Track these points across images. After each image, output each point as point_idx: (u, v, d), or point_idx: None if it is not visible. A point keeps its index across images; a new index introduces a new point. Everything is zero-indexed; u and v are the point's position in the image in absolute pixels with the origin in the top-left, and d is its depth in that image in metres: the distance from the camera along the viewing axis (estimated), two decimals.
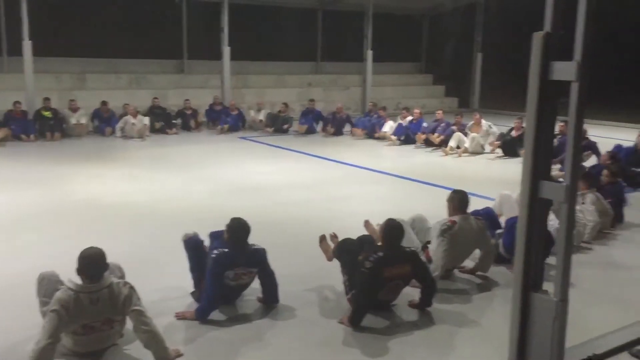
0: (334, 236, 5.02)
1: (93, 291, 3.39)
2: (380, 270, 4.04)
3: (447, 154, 11.64)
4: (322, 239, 4.97)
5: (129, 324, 3.55)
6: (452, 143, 11.81)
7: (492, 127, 12.22)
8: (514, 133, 11.56)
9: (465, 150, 11.68)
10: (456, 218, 4.92)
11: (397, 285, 4.24)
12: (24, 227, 6.35)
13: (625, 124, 16.52)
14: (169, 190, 8.30)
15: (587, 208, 6.08)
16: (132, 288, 3.50)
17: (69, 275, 3.62)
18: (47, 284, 3.69)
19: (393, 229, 4.26)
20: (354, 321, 4.07)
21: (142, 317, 3.46)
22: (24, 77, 13.40)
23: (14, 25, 13.91)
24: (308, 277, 4.93)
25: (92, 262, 3.43)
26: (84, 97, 14.54)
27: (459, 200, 5.01)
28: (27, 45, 13.35)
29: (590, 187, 6.28)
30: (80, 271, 3.42)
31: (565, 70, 3.12)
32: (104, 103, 13.58)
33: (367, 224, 5.35)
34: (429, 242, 5.10)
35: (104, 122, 13.35)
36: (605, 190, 6.53)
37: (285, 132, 14.23)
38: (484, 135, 11.97)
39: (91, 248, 3.52)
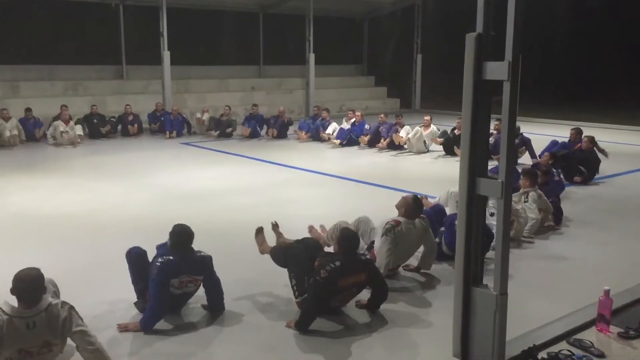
0: (275, 225, 5.02)
1: (30, 316, 3.22)
2: (335, 280, 4.02)
3: (398, 141, 11.99)
4: (259, 231, 4.98)
5: (70, 342, 3.42)
6: (402, 133, 12.08)
7: (439, 130, 12.45)
8: (456, 132, 11.83)
9: (409, 140, 11.98)
10: (400, 219, 4.98)
11: (350, 293, 4.26)
12: None
13: (558, 121, 17.17)
14: (108, 199, 8.07)
15: (529, 206, 6.29)
16: (71, 308, 3.34)
17: (1, 291, 3.47)
18: None
19: (350, 238, 4.25)
20: (302, 326, 4.06)
21: (87, 337, 3.32)
22: None
23: None
24: (254, 282, 4.89)
25: (29, 286, 3.23)
26: (17, 105, 13.99)
27: (412, 209, 5.04)
28: None
29: (532, 185, 6.49)
30: (15, 293, 3.23)
31: (497, 70, 3.21)
32: (28, 110, 13.26)
33: (311, 228, 5.35)
34: (374, 242, 5.15)
35: (31, 128, 13.05)
36: (545, 191, 6.74)
37: (229, 136, 14.10)
38: (428, 136, 12.18)
39: (28, 270, 3.31)
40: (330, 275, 3.99)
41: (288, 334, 4.04)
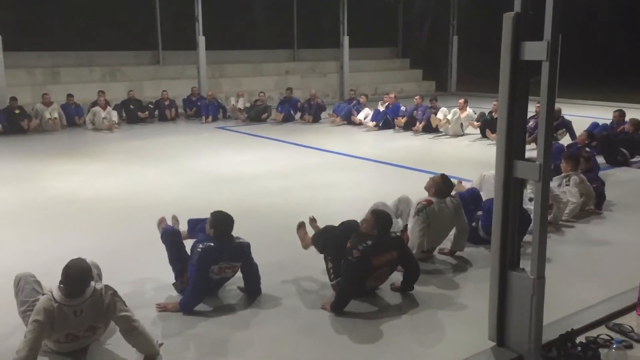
0: (312, 220, 5.02)
1: (77, 304, 3.31)
2: (368, 259, 4.03)
3: (435, 124, 11.84)
4: (300, 226, 4.96)
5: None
6: (439, 115, 11.91)
7: (476, 114, 12.25)
8: (494, 115, 11.62)
9: (448, 122, 11.77)
10: (432, 198, 4.95)
11: (384, 272, 4.25)
12: None
13: (600, 103, 16.72)
14: (145, 183, 8.22)
15: (570, 190, 6.17)
16: (114, 294, 3.43)
17: (46, 273, 3.59)
18: (24, 285, 3.64)
19: (383, 219, 4.25)
20: (337, 308, 4.08)
21: (130, 322, 3.42)
22: None
23: None
24: (289, 265, 4.94)
25: (77, 279, 3.32)
26: (58, 91, 14.29)
27: (441, 188, 5.01)
28: None
29: (574, 169, 6.36)
30: (63, 284, 3.32)
31: (536, 50, 3.14)
32: (69, 96, 13.52)
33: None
34: (407, 226, 5.13)
35: (73, 114, 13.34)
36: (589, 178, 6.58)
37: (263, 121, 14.17)
38: (465, 119, 12.01)
39: (77, 261, 3.39)
40: (363, 255, 4.01)
41: (324, 316, 4.07)
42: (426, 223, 4.83)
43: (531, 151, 3.56)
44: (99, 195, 7.48)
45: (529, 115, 7.72)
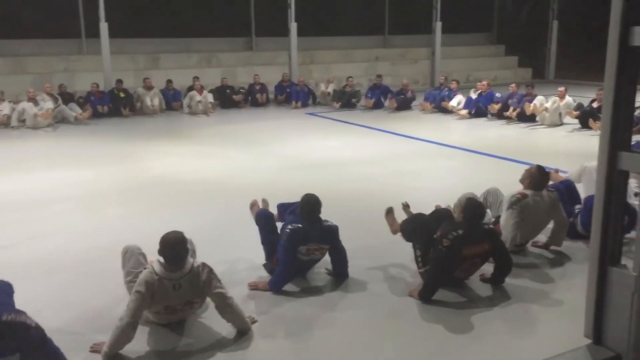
0: (406, 206, 4.99)
1: (176, 278, 3.48)
2: (459, 249, 3.97)
3: (530, 112, 11.39)
4: (389, 211, 4.94)
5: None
6: (535, 102, 11.48)
7: (575, 102, 11.69)
8: (595, 104, 11.05)
9: (545, 110, 11.31)
10: (527, 191, 4.79)
11: (474, 263, 4.17)
12: (106, 202, 6.68)
13: None
14: (239, 166, 8.50)
15: None
16: (210, 271, 3.58)
17: (150, 247, 3.81)
18: (131, 256, 3.89)
19: (474, 207, 4.17)
20: (425, 296, 4.06)
21: (225, 299, 3.58)
22: (102, 59, 13.94)
23: (92, 8, 14.46)
24: (377, 251, 4.96)
25: (174, 249, 3.48)
26: (158, 76, 14.97)
27: (537, 180, 4.84)
28: (103, 27, 13.85)
29: None
30: (161, 254, 3.51)
31: None
32: (169, 81, 14.15)
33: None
34: (499, 217, 5.00)
35: (171, 98, 13.97)
36: None
37: (353, 106, 14.20)
38: (563, 108, 11.49)
39: (173, 233, 3.55)
40: (453, 244, 3.94)
41: (411, 303, 4.07)
42: (520, 217, 4.68)
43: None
44: (195, 177, 7.81)
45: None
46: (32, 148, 10.04)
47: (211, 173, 8.04)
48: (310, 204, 4.29)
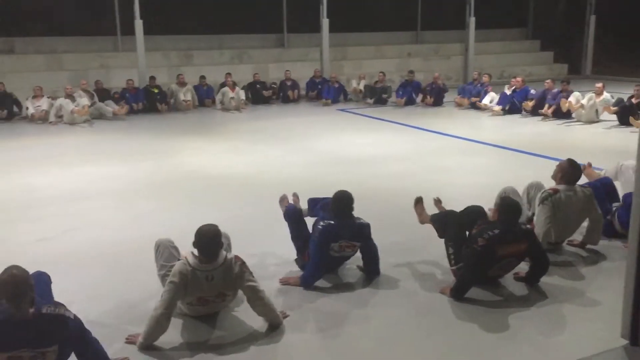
0: (437, 201, 4.95)
1: (209, 270, 3.52)
2: (494, 248, 3.91)
3: (565, 108, 11.19)
4: (418, 200, 4.90)
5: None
6: (572, 99, 11.25)
7: (613, 99, 11.43)
8: (634, 100, 10.77)
9: (582, 107, 11.08)
10: (559, 187, 4.70)
11: (509, 263, 4.11)
12: (139, 197, 6.78)
13: None
14: (270, 161, 8.54)
15: None
16: (243, 264, 3.61)
17: (182, 240, 3.86)
18: (164, 250, 3.94)
19: (510, 206, 4.10)
20: (457, 294, 4.02)
21: (257, 293, 3.61)
22: (136, 56, 14.15)
23: (127, 5, 14.68)
24: (408, 248, 4.93)
25: (209, 241, 3.52)
26: (191, 72, 15.14)
27: (569, 174, 4.75)
28: (138, 25, 14.04)
29: None
30: (196, 247, 3.55)
31: None
32: (202, 77, 14.30)
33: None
34: (534, 214, 4.92)
35: (204, 94, 14.11)
36: None
37: (384, 102, 14.13)
38: (601, 104, 11.23)
39: (208, 226, 3.58)
40: (488, 244, 3.88)
41: (443, 301, 4.04)
42: (551, 212, 4.59)
43: None
44: (227, 172, 7.88)
45: None
46: (68, 143, 10.26)
47: (243, 168, 8.09)
48: (343, 201, 4.29)
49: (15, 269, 2.87)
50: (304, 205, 4.91)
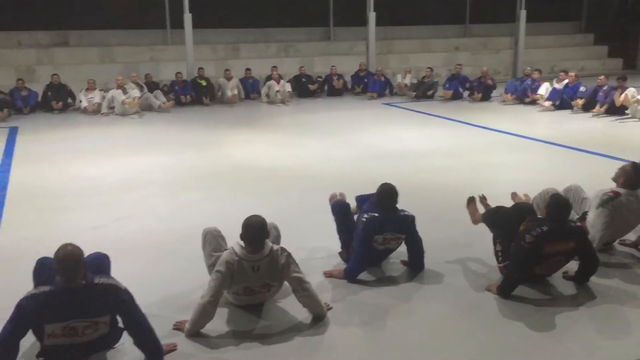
0: (483, 198, 4.88)
1: (255, 260, 3.57)
2: (541, 246, 3.82)
3: (619, 103, 10.84)
4: (471, 200, 4.85)
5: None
6: (629, 92, 10.89)
7: None
8: None
9: (638, 102, 10.72)
10: (621, 190, 4.56)
11: (558, 261, 4.02)
12: (187, 187, 6.91)
13: None
14: (315, 154, 8.56)
15: None
16: (289, 256, 3.64)
17: (229, 230, 3.91)
18: (211, 239, 4.00)
19: (560, 204, 4.00)
20: (504, 292, 3.96)
21: (302, 284, 3.63)
22: (185, 49, 14.37)
23: None
24: (454, 244, 4.88)
25: (256, 232, 3.56)
26: (237, 66, 15.30)
27: (632, 179, 4.59)
28: (187, 18, 14.25)
29: None
30: (244, 238, 3.59)
31: None
32: (248, 70, 14.45)
33: (514, 195, 5.11)
34: (586, 213, 4.79)
35: (250, 87, 14.28)
36: None
37: (430, 97, 13.97)
38: None
39: (255, 217, 3.62)
40: (536, 241, 3.80)
41: (489, 298, 3.98)
42: (611, 216, 4.45)
43: None
44: (272, 164, 7.94)
45: None
46: (119, 135, 10.53)
47: (288, 161, 8.15)
48: (387, 193, 4.27)
49: (70, 246, 3.05)
50: (351, 203, 4.91)
